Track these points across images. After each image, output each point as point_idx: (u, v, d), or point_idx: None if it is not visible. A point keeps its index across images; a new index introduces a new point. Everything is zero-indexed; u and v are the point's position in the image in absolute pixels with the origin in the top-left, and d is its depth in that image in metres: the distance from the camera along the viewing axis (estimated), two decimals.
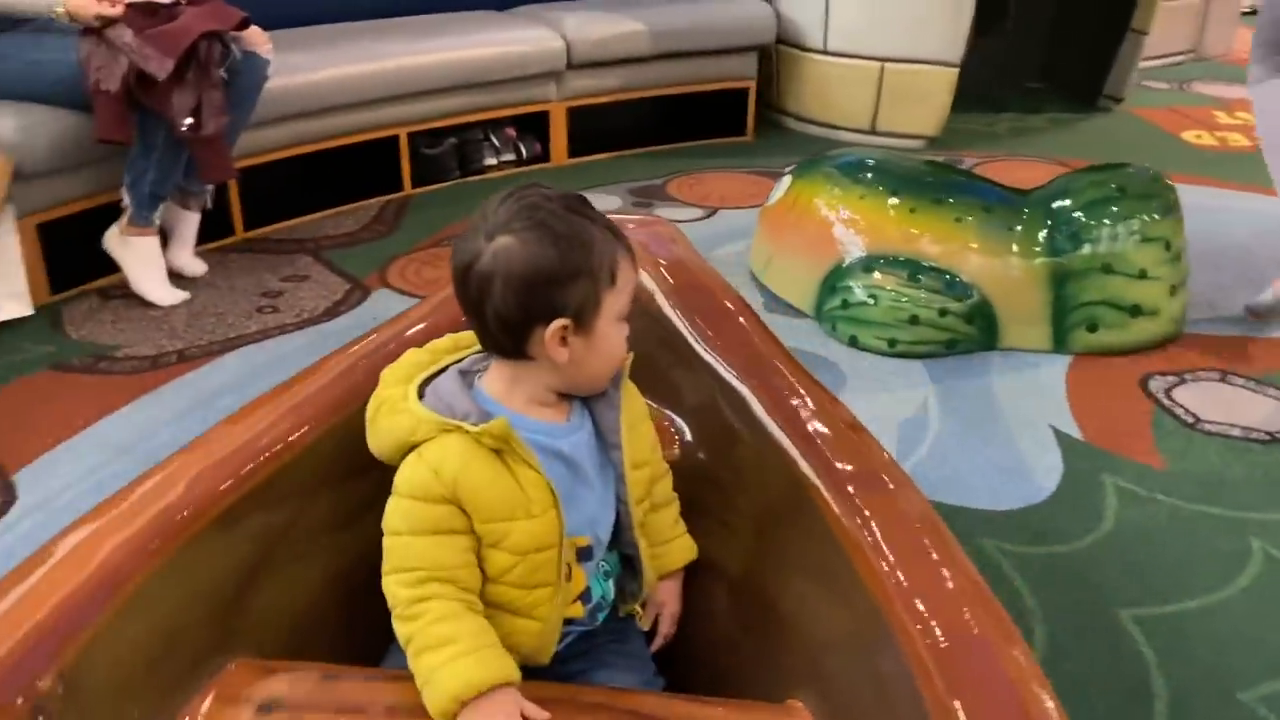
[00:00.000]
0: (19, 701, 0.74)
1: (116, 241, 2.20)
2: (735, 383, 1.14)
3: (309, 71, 2.59)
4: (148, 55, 1.98)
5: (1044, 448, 1.79)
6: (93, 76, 2.00)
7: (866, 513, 0.91)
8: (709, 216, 2.82)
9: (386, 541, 0.89)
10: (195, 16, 2.07)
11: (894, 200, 2.16)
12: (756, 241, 2.44)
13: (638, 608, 1.05)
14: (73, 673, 0.78)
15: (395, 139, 2.85)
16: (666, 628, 1.06)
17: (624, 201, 2.91)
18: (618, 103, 3.25)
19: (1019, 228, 2.09)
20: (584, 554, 0.96)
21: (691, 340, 1.22)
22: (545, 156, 3.21)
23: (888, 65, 3.34)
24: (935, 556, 0.87)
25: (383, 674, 0.94)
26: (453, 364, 0.97)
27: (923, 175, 2.25)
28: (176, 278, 2.31)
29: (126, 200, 2.17)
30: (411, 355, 0.99)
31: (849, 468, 0.97)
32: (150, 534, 0.88)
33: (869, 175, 2.23)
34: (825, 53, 3.42)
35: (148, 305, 2.20)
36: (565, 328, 0.88)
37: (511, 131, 3.14)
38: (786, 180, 2.39)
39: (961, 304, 2.07)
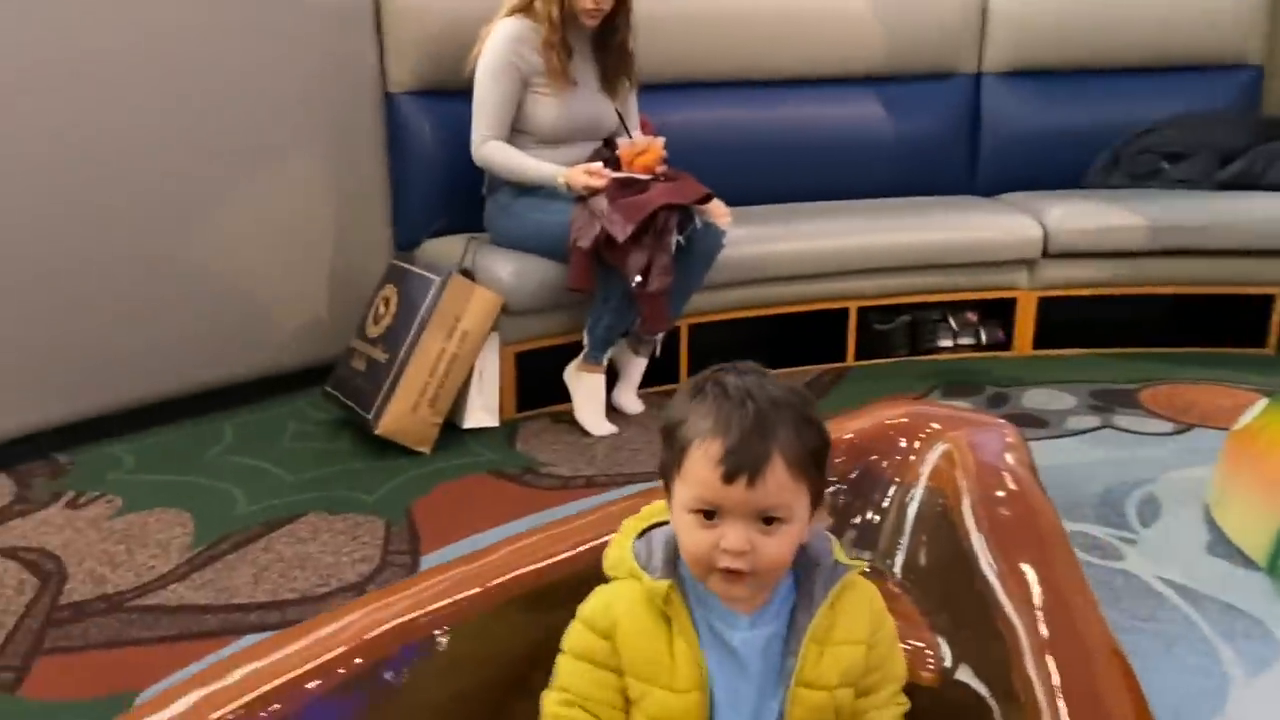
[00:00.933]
0: None
1: (572, 375, 2.53)
2: (1018, 627, 1.00)
3: (769, 243, 2.78)
4: (614, 220, 2.29)
5: None
6: (573, 235, 2.36)
7: None
8: (1180, 433, 2.46)
9: (557, 658, 0.93)
10: (662, 191, 2.36)
11: None
12: (1217, 469, 2.08)
13: None
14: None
15: (845, 311, 2.92)
16: None
17: (1080, 402, 2.65)
18: (1098, 297, 3.00)
19: None
20: None
21: (983, 562, 1.09)
22: (1007, 344, 3.05)
23: None
24: None
25: None
26: None
27: None
28: (617, 413, 2.57)
29: (585, 340, 2.49)
30: (654, 505, 1.03)
31: None
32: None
33: None
34: None
35: (582, 432, 2.48)
36: (666, 491, 0.92)
37: (973, 315, 3.05)
38: (1263, 403, 2.02)
39: None
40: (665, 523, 0.97)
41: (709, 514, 0.87)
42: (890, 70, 3.25)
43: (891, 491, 1.25)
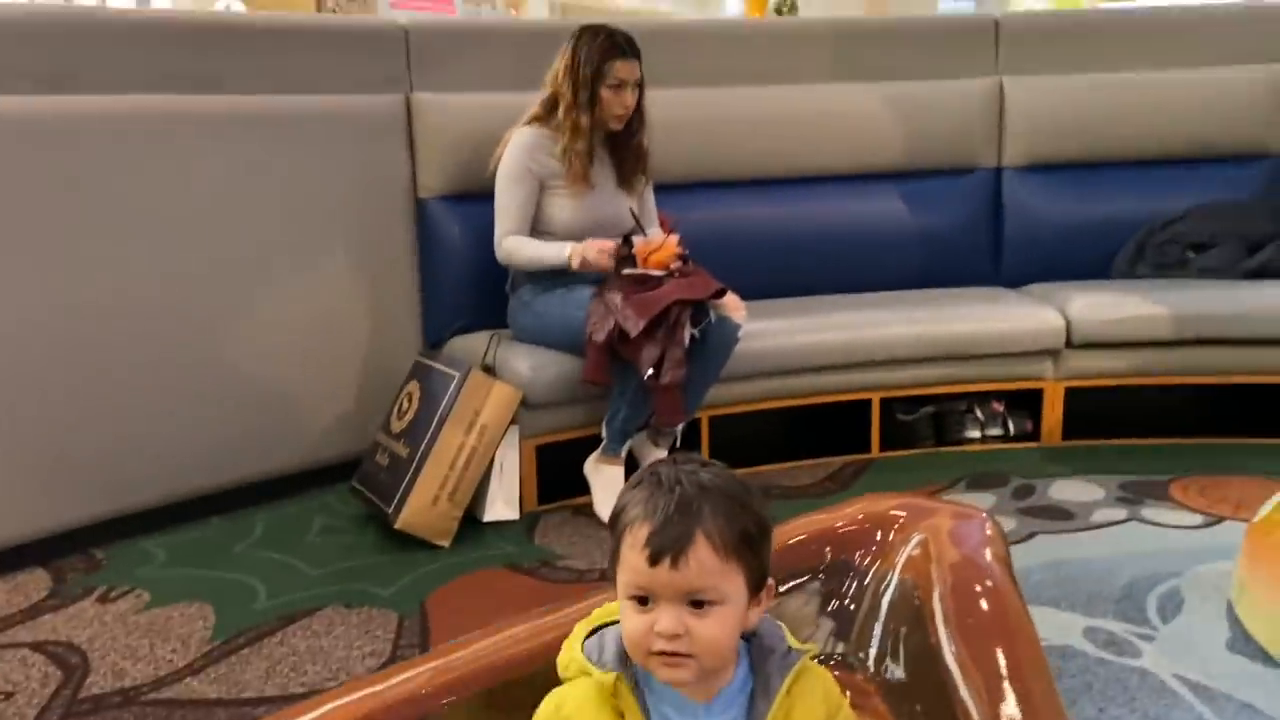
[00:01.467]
0: None
1: (591, 467, 2.57)
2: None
3: (790, 335, 2.82)
4: (627, 315, 2.36)
5: None
6: (588, 329, 2.43)
7: None
8: (1209, 526, 2.41)
9: None
10: (675, 286, 2.42)
11: None
12: (1238, 562, 2.03)
13: None
14: None
15: (868, 402, 2.93)
16: None
17: (1108, 494, 2.61)
18: (1129, 387, 2.97)
19: None
20: None
21: (947, 653, 1.09)
22: (1035, 435, 3.02)
23: None
24: None
25: None
26: None
27: None
28: None
29: (603, 433, 2.53)
30: (608, 606, 1.05)
31: None
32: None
33: None
34: None
35: (601, 524, 2.50)
36: (614, 582, 0.93)
37: (999, 405, 3.03)
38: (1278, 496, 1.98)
39: None
40: (617, 621, 0.99)
41: (643, 600, 0.90)
42: (912, 166, 3.31)
43: (868, 581, 1.26)
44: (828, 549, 1.33)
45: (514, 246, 2.60)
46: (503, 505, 2.54)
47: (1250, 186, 3.28)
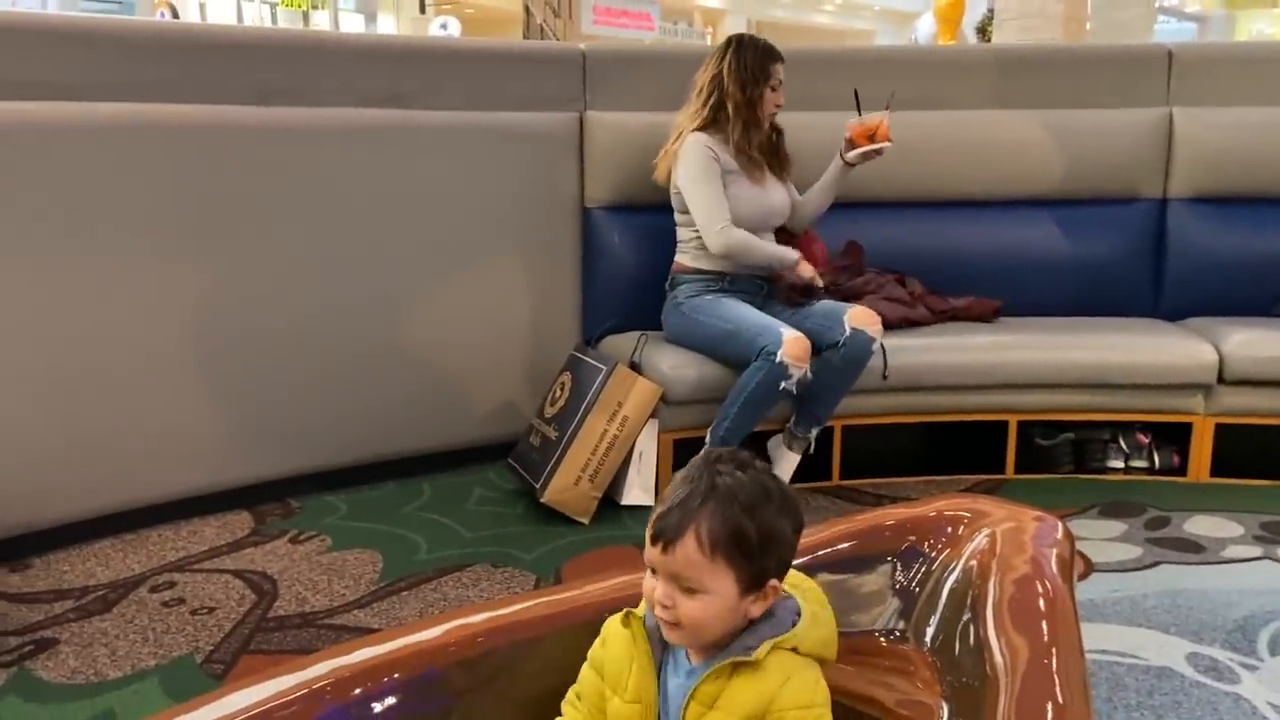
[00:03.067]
0: None
1: None
2: (1003, 695, 1.12)
3: (928, 353, 2.90)
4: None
5: None
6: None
7: None
8: None
9: None
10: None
11: None
12: None
13: None
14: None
15: (1005, 424, 2.97)
16: None
17: (1246, 531, 2.58)
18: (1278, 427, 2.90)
19: None
20: None
21: (991, 637, 1.21)
22: (1183, 470, 2.98)
23: None
24: None
25: None
26: None
27: None
28: None
29: (707, 439, 2.67)
30: None
31: None
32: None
33: None
34: None
35: None
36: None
37: (1145, 437, 3.01)
38: None
39: None
40: None
41: (653, 568, 1.05)
42: (1075, 194, 3.31)
43: (934, 568, 1.38)
44: (909, 537, 1.46)
45: (744, 238, 2.74)
46: (640, 491, 2.75)
47: None
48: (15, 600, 2.23)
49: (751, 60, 2.77)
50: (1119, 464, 3.02)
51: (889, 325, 2.82)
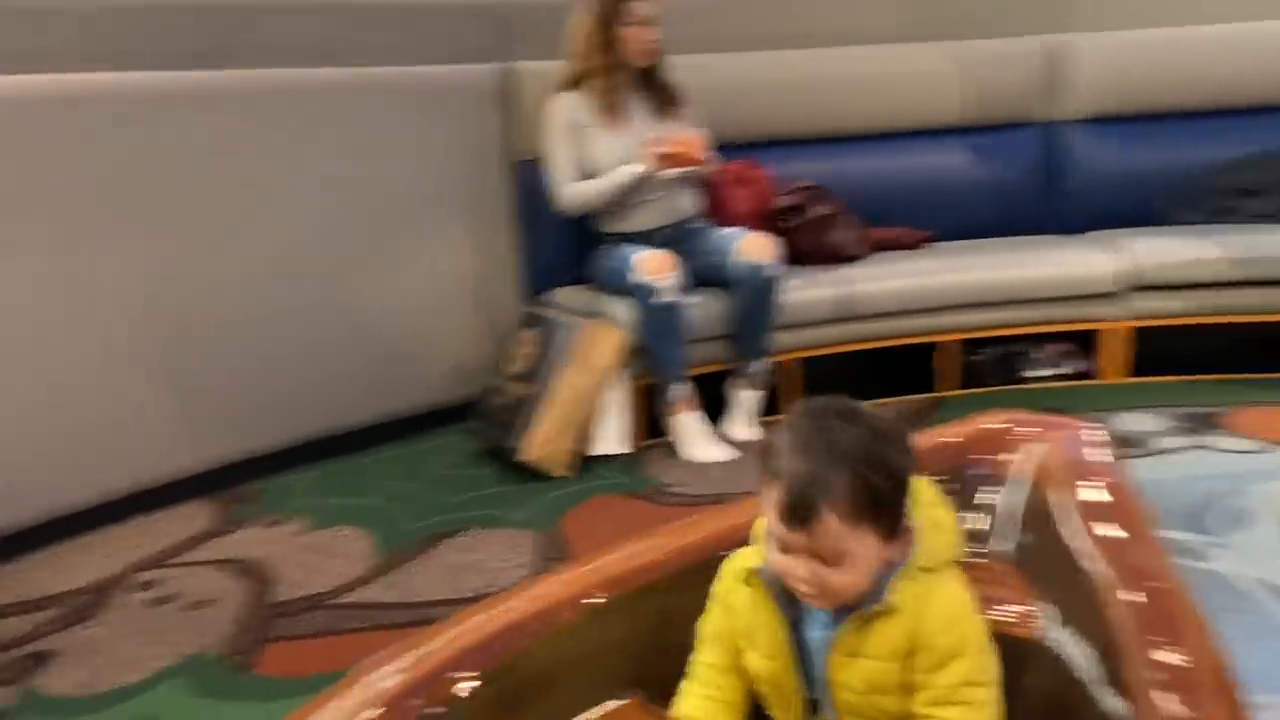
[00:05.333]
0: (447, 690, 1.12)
1: (671, 424, 2.79)
2: (1105, 586, 1.21)
3: (871, 282, 3.02)
4: None
5: None
6: None
7: None
8: (1265, 452, 2.61)
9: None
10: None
11: None
12: None
13: None
14: (498, 674, 1.15)
15: (940, 344, 3.14)
16: None
17: (1168, 425, 2.82)
18: (1185, 326, 3.16)
19: None
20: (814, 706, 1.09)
21: (1078, 536, 1.31)
22: (1098, 374, 3.22)
23: None
24: None
25: None
26: None
27: None
28: (731, 442, 2.82)
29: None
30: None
31: None
32: (592, 588, 1.27)
33: None
34: None
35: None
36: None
37: (1064, 346, 3.23)
38: None
39: None
40: None
41: (785, 547, 0.99)
42: (980, 121, 3.48)
43: (998, 485, 1.47)
44: (968, 455, 1.52)
45: (573, 192, 2.82)
46: (613, 440, 2.76)
47: None
48: None
49: (603, 2, 2.76)
50: (1043, 372, 3.24)
51: (838, 258, 2.92)
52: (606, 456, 2.76)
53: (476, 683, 1.13)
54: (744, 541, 1.20)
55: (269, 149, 2.66)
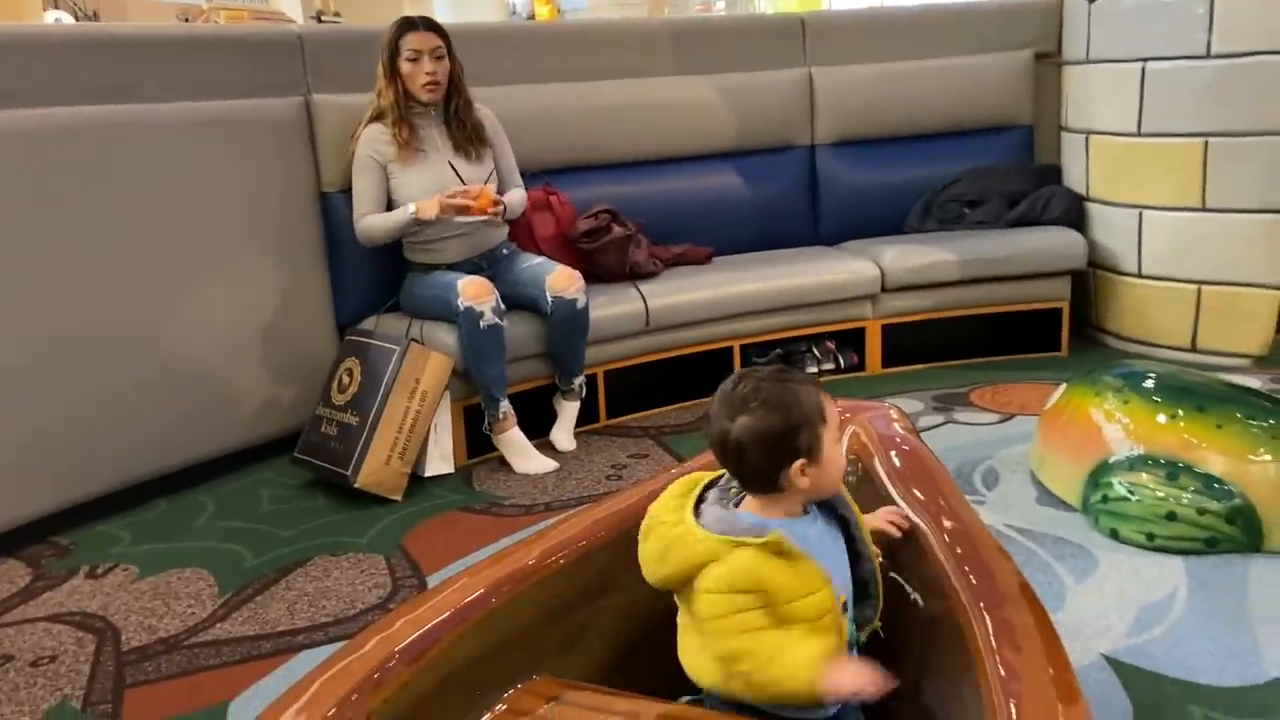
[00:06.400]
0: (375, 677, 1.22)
1: (496, 440, 2.94)
2: (926, 533, 1.50)
3: (665, 297, 3.29)
4: None
5: None
6: None
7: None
8: (1004, 421, 3.09)
9: (713, 625, 1.26)
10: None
11: (1157, 405, 2.36)
12: (1035, 441, 2.69)
13: (878, 623, 1.41)
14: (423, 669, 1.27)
15: (730, 349, 3.46)
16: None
17: (925, 405, 3.26)
18: (929, 320, 3.66)
19: None
20: (843, 607, 1.34)
21: (896, 497, 1.59)
22: (861, 366, 3.66)
23: (1205, 287, 3.47)
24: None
25: (659, 705, 1.33)
26: (698, 499, 1.35)
27: (1193, 387, 2.42)
28: (555, 450, 3.00)
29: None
30: (673, 490, 1.44)
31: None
32: (505, 579, 1.42)
33: (1135, 383, 2.45)
34: (1140, 276, 3.62)
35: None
36: (803, 464, 1.29)
37: (831, 344, 3.64)
38: (1062, 388, 2.66)
39: (1221, 505, 2.19)
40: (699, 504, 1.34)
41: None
42: (746, 146, 3.85)
43: None
44: None
45: (365, 225, 2.93)
46: (440, 461, 2.87)
47: (1008, 153, 4.04)
48: None
49: (387, 41, 2.89)
50: (815, 369, 3.63)
51: (636, 275, 3.18)
52: (438, 476, 2.86)
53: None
54: (621, 537, 1.41)
55: (73, 189, 2.58)
